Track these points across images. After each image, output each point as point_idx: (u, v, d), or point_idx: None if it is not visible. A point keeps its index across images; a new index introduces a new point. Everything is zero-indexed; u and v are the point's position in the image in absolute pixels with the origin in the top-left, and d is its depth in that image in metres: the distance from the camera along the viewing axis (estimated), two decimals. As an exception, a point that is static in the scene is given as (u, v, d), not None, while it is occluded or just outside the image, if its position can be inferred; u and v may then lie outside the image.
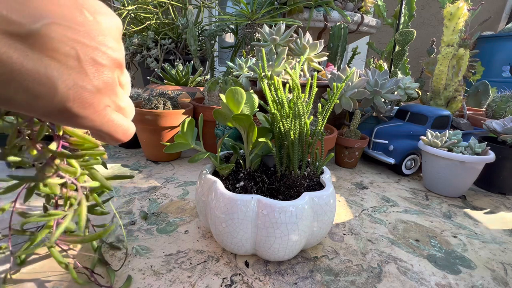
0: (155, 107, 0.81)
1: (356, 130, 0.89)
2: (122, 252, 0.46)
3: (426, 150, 0.75)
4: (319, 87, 0.86)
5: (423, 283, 0.43)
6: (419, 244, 0.53)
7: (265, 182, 0.49)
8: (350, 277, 0.44)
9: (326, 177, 0.48)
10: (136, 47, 1.42)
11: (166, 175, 0.77)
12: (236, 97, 0.43)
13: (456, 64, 0.98)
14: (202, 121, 0.50)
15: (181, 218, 0.57)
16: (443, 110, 0.87)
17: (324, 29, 1.20)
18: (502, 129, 0.78)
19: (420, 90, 1.06)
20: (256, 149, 0.50)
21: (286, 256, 0.43)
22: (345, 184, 0.79)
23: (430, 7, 2.16)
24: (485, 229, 0.60)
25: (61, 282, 0.40)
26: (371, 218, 0.61)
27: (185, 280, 0.41)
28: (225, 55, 1.98)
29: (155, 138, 0.82)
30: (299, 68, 0.51)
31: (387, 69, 0.98)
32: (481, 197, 0.76)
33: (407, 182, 0.84)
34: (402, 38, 1.05)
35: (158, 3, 1.43)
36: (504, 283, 0.45)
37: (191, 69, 1.18)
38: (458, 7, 0.90)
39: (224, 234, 0.42)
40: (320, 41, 0.87)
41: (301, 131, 0.47)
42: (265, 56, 0.49)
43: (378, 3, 1.37)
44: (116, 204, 0.61)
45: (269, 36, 0.86)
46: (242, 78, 0.88)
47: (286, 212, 0.39)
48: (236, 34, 1.37)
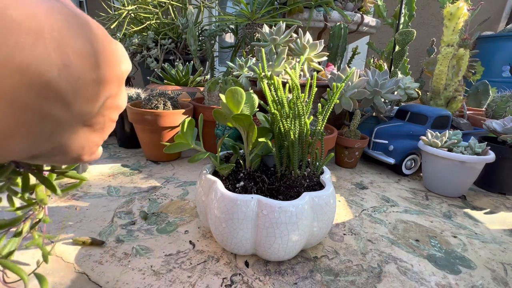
0: (155, 107, 0.81)
1: (356, 130, 0.89)
2: (123, 251, 0.46)
3: (426, 150, 0.75)
4: (319, 87, 0.86)
5: (423, 283, 0.43)
6: (419, 244, 0.53)
7: (265, 182, 0.49)
8: (350, 277, 0.44)
9: (326, 177, 0.48)
10: (136, 47, 1.42)
11: (166, 175, 0.77)
12: (236, 97, 0.43)
13: (456, 64, 0.98)
14: (202, 121, 0.50)
15: (181, 218, 0.57)
16: (443, 110, 0.87)
17: (324, 29, 1.20)
18: (502, 129, 0.78)
19: (420, 90, 1.06)
20: (256, 149, 0.50)
21: (286, 256, 0.43)
22: (345, 184, 0.79)
23: (430, 7, 2.16)
24: (485, 229, 0.60)
25: (61, 282, 0.40)
26: (371, 218, 0.61)
27: (185, 280, 0.41)
28: (225, 55, 1.98)
29: (155, 138, 0.82)
30: (299, 68, 0.51)
31: (387, 69, 0.98)
32: (481, 197, 0.76)
33: (407, 182, 0.84)
34: (402, 38, 1.05)
35: (158, 3, 1.43)
36: (504, 283, 0.45)
37: (191, 69, 1.18)
38: (458, 7, 0.90)
39: (224, 234, 0.42)
40: (320, 41, 0.87)
41: (301, 131, 0.47)
42: (265, 56, 0.49)
43: (378, 3, 1.37)
44: (116, 204, 0.61)
45: (269, 36, 0.86)
46: (242, 78, 0.88)
47: (286, 212, 0.39)
48: (236, 34, 1.36)
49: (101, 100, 0.15)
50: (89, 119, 0.15)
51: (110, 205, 0.60)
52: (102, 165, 0.81)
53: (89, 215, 0.56)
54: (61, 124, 0.14)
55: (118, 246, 0.47)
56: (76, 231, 0.51)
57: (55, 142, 0.14)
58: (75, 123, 0.14)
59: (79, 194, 0.64)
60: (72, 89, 0.13)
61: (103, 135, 0.18)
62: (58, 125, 0.13)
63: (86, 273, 0.41)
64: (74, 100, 0.13)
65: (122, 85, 0.17)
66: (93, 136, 0.17)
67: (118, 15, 1.36)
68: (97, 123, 0.16)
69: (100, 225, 0.53)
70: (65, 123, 0.14)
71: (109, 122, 0.18)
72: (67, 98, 0.13)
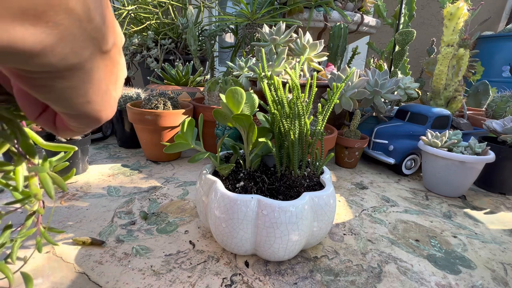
0: (155, 107, 0.81)
1: (356, 130, 0.89)
2: (123, 251, 0.46)
3: (426, 150, 0.75)
4: (319, 87, 0.86)
5: (423, 283, 0.43)
6: (419, 244, 0.53)
7: (265, 182, 0.49)
8: (350, 277, 0.44)
9: (326, 177, 0.48)
10: (136, 47, 1.42)
11: (166, 175, 0.77)
12: (236, 97, 0.43)
13: (456, 64, 0.98)
14: (202, 121, 0.50)
15: (181, 218, 0.57)
16: (443, 110, 0.87)
17: (324, 29, 1.20)
18: (502, 129, 0.78)
19: (420, 90, 1.06)
20: (256, 149, 0.50)
21: (286, 256, 0.43)
22: (345, 184, 0.79)
23: (430, 7, 2.16)
24: (485, 229, 0.60)
25: (61, 282, 0.40)
26: (371, 218, 0.61)
27: (185, 280, 0.41)
28: (225, 55, 1.99)
29: (155, 138, 0.82)
30: (299, 68, 0.51)
31: (387, 69, 0.98)
32: (481, 197, 0.76)
33: (407, 182, 0.84)
34: (402, 38, 1.04)
35: (158, 3, 1.43)
36: (504, 283, 0.45)
37: (191, 69, 1.18)
38: (458, 7, 0.90)
39: (224, 234, 0.42)
40: (320, 41, 0.87)
41: (301, 131, 0.47)
42: (265, 56, 0.49)
43: (378, 3, 1.37)
44: (116, 204, 0.61)
45: (269, 36, 0.86)
46: (242, 78, 0.88)
47: (286, 212, 0.39)
48: (236, 34, 1.36)
49: (112, 33, 0.15)
50: (105, 51, 0.15)
51: (110, 205, 0.60)
52: (102, 165, 0.81)
53: (89, 215, 0.56)
54: (83, 27, 0.13)
55: (118, 246, 0.47)
56: (76, 231, 0.51)
57: (81, 63, 0.14)
58: (97, 42, 0.14)
59: (79, 194, 0.64)
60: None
61: (117, 90, 0.18)
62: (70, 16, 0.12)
63: (86, 273, 0.41)
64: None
65: (121, 53, 0.17)
66: (112, 87, 0.17)
67: (118, 15, 1.36)
68: (112, 71, 0.16)
69: (100, 225, 0.53)
70: (78, 21, 0.13)
71: (121, 75, 0.18)
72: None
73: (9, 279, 0.28)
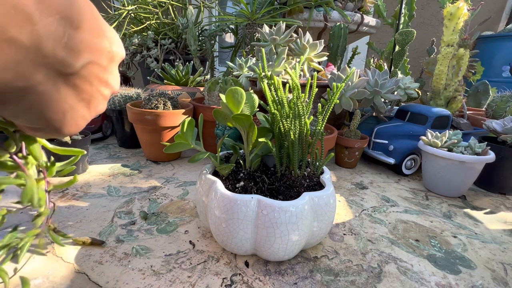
0: (155, 107, 0.81)
1: (356, 130, 0.89)
2: (123, 251, 0.46)
3: (426, 150, 0.75)
4: (319, 87, 0.86)
5: (423, 283, 0.43)
6: (419, 244, 0.53)
7: (265, 182, 0.49)
8: (350, 277, 0.44)
9: (326, 177, 0.48)
10: (136, 47, 1.42)
11: (166, 175, 0.77)
12: (236, 97, 0.43)
13: (456, 64, 0.98)
14: (202, 121, 0.50)
15: (181, 218, 0.57)
16: (443, 110, 0.87)
17: (324, 29, 1.20)
18: (502, 129, 0.78)
19: (420, 90, 1.06)
20: (256, 149, 0.50)
21: (286, 256, 0.43)
22: (345, 184, 0.79)
23: (430, 7, 2.16)
24: (485, 229, 0.60)
25: (61, 282, 0.40)
26: (371, 218, 0.61)
27: (185, 280, 0.41)
28: (225, 55, 1.98)
29: (155, 138, 0.82)
30: (299, 68, 0.51)
31: (387, 69, 0.98)
32: (481, 197, 0.76)
33: (407, 182, 0.84)
34: (402, 38, 1.04)
35: (158, 3, 1.43)
36: (504, 283, 0.45)
37: (191, 69, 1.18)
38: (458, 7, 0.90)
39: (224, 234, 0.42)
40: (320, 41, 0.87)
41: (301, 131, 0.47)
42: (265, 56, 0.49)
43: (378, 3, 1.37)
44: (116, 204, 0.61)
45: (269, 36, 0.86)
46: (242, 78, 0.88)
47: (286, 212, 0.39)
48: (236, 34, 1.36)
49: (81, 55, 0.15)
50: (69, 73, 0.15)
51: (110, 205, 0.60)
52: (102, 165, 0.81)
53: (89, 215, 0.56)
54: (30, 55, 0.13)
55: (118, 246, 0.47)
56: (76, 231, 0.51)
57: (32, 87, 0.14)
58: (51, 67, 0.14)
59: (79, 194, 0.64)
60: (39, 10, 0.12)
61: (90, 109, 0.17)
62: (26, 54, 0.13)
63: (86, 273, 0.41)
64: (39, 19, 0.12)
65: (112, 63, 0.17)
66: (79, 106, 0.16)
67: (118, 15, 1.36)
68: (83, 90, 0.16)
69: (100, 225, 0.53)
70: (34, 55, 0.13)
71: (97, 95, 0.17)
72: (33, 16, 0.12)
73: (5, 283, 0.28)
